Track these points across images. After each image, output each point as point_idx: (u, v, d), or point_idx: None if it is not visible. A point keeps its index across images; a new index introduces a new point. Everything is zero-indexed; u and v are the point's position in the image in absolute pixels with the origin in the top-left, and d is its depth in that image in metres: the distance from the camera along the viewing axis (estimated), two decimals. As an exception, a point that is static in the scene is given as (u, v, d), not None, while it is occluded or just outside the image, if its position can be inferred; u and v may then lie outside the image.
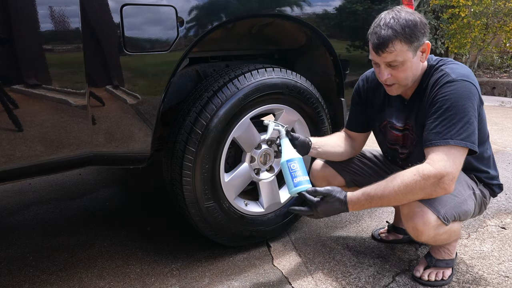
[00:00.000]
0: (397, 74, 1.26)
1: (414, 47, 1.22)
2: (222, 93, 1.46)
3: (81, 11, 1.14)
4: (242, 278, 1.50)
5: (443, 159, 1.16)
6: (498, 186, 1.45)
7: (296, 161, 1.33)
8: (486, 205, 1.44)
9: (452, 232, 1.33)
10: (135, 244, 1.79)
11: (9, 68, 1.09)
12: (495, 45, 6.49)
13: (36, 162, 1.19)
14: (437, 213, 1.24)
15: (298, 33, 1.79)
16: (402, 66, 1.25)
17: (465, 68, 1.26)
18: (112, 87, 1.24)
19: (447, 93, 1.20)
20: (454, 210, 1.28)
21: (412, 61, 1.24)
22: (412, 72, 1.27)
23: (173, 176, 1.51)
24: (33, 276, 1.56)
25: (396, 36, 1.20)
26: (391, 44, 1.20)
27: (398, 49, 1.21)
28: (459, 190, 1.31)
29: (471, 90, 1.19)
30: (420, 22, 1.22)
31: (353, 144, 1.59)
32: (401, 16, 1.21)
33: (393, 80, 1.29)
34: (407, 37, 1.20)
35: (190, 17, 1.34)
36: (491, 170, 1.42)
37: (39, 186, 2.52)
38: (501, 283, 1.42)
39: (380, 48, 1.23)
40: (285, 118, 1.67)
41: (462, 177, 1.35)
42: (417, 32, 1.21)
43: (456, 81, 1.20)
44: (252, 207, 1.69)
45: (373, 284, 1.44)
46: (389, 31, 1.20)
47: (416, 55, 1.24)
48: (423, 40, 1.23)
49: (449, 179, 1.16)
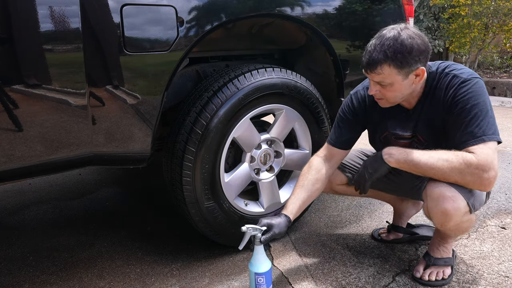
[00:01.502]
0: (385, 92, 1.29)
1: (405, 72, 1.22)
2: (222, 93, 1.46)
3: (81, 11, 1.14)
4: (242, 278, 1.50)
5: (484, 155, 1.17)
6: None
7: (264, 276, 1.29)
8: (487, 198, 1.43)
9: (472, 222, 1.34)
10: (135, 244, 1.79)
11: (9, 68, 1.09)
12: (494, 45, 6.48)
13: (36, 162, 1.19)
14: (467, 199, 1.25)
15: (298, 33, 1.79)
16: (391, 87, 1.26)
17: (467, 68, 1.29)
18: (112, 87, 1.24)
19: (465, 93, 1.22)
20: (476, 200, 1.30)
21: (402, 83, 1.25)
22: (400, 93, 1.28)
23: (173, 176, 1.51)
24: (33, 276, 1.57)
25: (385, 60, 1.21)
26: (379, 67, 1.22)
27: (386, 72, 1.22)
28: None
29: (483, 86, 1.24)
30: (416, 49, 1.20)
31: (332, 164, 1.51)
32: (399, 39, 1.19)
33: (381, 96, 1.32)
34: (397, 63, 1.20)
35: (190, 17, 1.34)
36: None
37: (39, 186, 2.52)
38: (501, 283, 1.42)
39: (368, 68, 1.25)
40: (285, 118, 1.67)
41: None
42: (410, 60, 1.20)
43: (469, 80, 1.23)
44: (252, 207, 1.70)
45: (373, 284, 1.44)
46: (380, 54, 1.21)
47: (407, 78, 1.24)
48: (416, 66, 1.22)
49: (490, 178, 1.18)
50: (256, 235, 1.30)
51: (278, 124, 1.67)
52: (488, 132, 1.19)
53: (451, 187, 1.25)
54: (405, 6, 2.01)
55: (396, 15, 1.94)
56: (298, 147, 1.81)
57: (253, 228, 1.31)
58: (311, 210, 2.06)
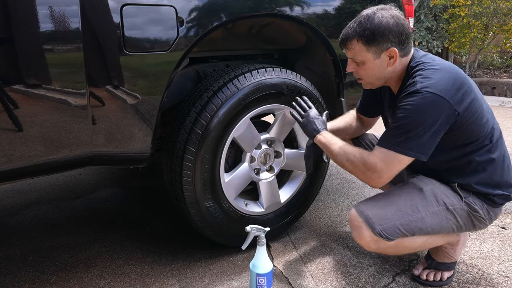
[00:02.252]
0: (359, 70, 1.32)
1: (374, 50, 1.24)
2: (222, 93, 1.46)
3: (81, 11, 1.14)
4: (242, 278, 1.51)
5: (380, 161, 1.23)
6: (502, 196, 1.33)
7: (265, 276, 1.29)
8: (482, 218, 1.33)
9: (403, 247, 1.33)
10: (135, 244, 1.79)
11: (9, 68, 1.09)
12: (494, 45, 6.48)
13: (36, 162, 1.19)
14: (372, 229, 1.27)
15: (298, 33, 1.79)
16: (363, 65, 1.29)
17: (439, 75, 1.19)
18: (112, 87, 1.24)
19: (407, 103, 1.18)
20: (402, 227, 1.28)
21: (374, 62, 1.27)
22: (374, 73, 1.30)
23: (173, 176, 1.51)
24: (33, 276, 1.57)
25: (354, 36, 1.25)
26: (349, 42, 1.27)
27: (357, 48, 1.26)
28: (415, 207, 1.29)
29: (432, 103, 1.15)
30: (385, 28, 1.20)
31: (362, 125, 1.65)
32: (372, 17, 1.22)
33: (357, 75, 1.35)
34: (365, 39, 1.23)
35: (190, 17, 1.34)
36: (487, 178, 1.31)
37: (39, 186, 2.52)
38: (501, 283, 1.43)
39: (341, 43, 1.32)
40: (285, 118, 1.67)
41: (430, 192, 1.32)
42: (378, 37, 1.21)
43: (419, 93, 1.17)
44: (252, 207, 1.70)
45: (373, 284, 1.44)
46: (351, 30, 1.26)
47: (379, 58, 1.25)
48: (386, 45, 1.23)
49: (377, 176, 1.24)
50: (260, 236, 1.31)
51: (278, 124, 1.67)
52: (400, 145, 1.19)
53: (359, 217, 1.31)
54: (405, 6, 2.01)
55: (396, 15, 1.93)
56: (298, 147, 1.81)
57: (257, 229, 1.32)
58: (311, 210, 2.06)
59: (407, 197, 1.32)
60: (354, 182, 2.47)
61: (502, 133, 1.35)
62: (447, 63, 1.28)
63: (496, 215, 1.36)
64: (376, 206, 1.32)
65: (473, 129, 1.25)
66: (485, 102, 1.30)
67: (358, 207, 1.33)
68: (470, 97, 1.21)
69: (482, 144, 1.28)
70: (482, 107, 1.26)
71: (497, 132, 1.32)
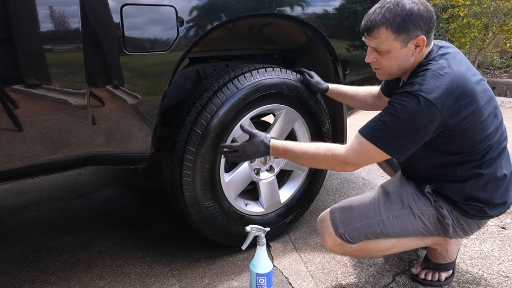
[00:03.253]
0: (381, 60, 1.23)
1: (403, 38, 1.16)
2: (222, 93, 1.46)
3: (81, 11, 1.14)
4: (242, 278, 1.50)
5: (354, 146, 1.21)
6: (475, 207, 1.26)
7: (265, 277, 1.29)
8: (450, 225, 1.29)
9: (369, 250, 1.34)
10: (135, 244, 1.79)
11: (9, 68, 1.09)
12: (494, 45, 6.48)
13: (36, 162, 1.19)
14: (335, 231, 1.30)
15: (298, 33, 1.79)
16: (388, 54, 1.21)
17: (441, 82, 1.12)
18: (112, 87, 1.24)
19: (398, 101, 1.14)
20: (363, 229, 1.29)
21: (400, 51, 1.19)
22: (397, 63, 1.22)
23: (173, 176, 1.51)
24: (33, 276, 1.56)
25: (383, 23, 1.16)
26: (376, 29, 1.17)
27: (384, 36, 1.17)
28: (378, 210, 1.29)
29: (422, 109, 1.10)
30: (417, 14, 1.14)
31: (379, 102, 1.61)
32: (400, 3, 1.15)
33: (377, 65, 1.27)
34: (395, 26, 1.14)
35: (190, 17, 1.34)
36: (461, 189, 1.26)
37: (39, 186, 2.52)
38: (501, 283, 1.43)
39: (366, 31, 1.21)
40: (285, 118, 1.67)
41: (395, 195, 1.31)
42: (409, 24, 1.14)
43: (412, 95, 1.12)
44: (252, 207, 1.70)
45: (373, 284, 1.44)
46: (379, 16, 1.16)
47: (406, 47, 1.18)
48: (416, 33, 1.15)
49: (350, 165, 1.23)
50: (260, 236, 1.31)
51: (278, 124, 1.67)
52: (372, 133, 1.17)
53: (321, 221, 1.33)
54: None
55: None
56: (298, 147, 1.81)
57: (257, 229, 1.32)
58: (311, 210, 2.06)
59: (372, 200, 1.33)
60: (354, 182, 2.47)
61: (508, 153, 1.28)
62: (461, 67, 1.18)
63: (470, 226, 1.30)
64: (345, 209, 1.33)
65: (465, 141, 1.20)
66: (495, 114, 1.23)
67: (332, 208, 1.35)
68: (470, 110, 1.15)
69: (472, 158, 1.22)
70: (487, 121, 1.19)
71: (497, 150, 1.24)
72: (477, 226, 1.33)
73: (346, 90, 1.66)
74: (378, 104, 1.61)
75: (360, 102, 1.65)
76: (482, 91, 1.19)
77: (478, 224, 1.32)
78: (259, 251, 1.30)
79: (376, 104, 1.62)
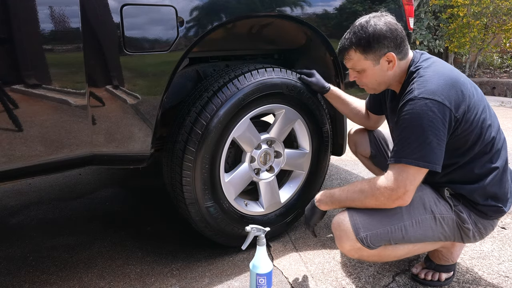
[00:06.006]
0: (361, 78, 1.35)
1: (372, 57, 1.26)
2: (222, 93, 1.46)
3: (81, 11, 1.14)
4: (242, 278, 1.51)
5: (395, 177, 1.18)
6: (494, 208, 1.28)
7: (265, 277, 1.29)
8: (468, 229, 1.29)
9: (386, 256, 1.31)
10: (135, 244, 1.79)
11: (9, 68, 1.09)
12: (494, 45, 6.49)
13: (36, 162, 1.19)
14: (356, 235, 1.23)
15: (298, 33, 1.79)
16: (364, 73, 1.32)
17: (437, 81, 1.18)
18: (112, 87, 1.24)
19: (406, 112, 1.18)
20: (385, 235, 1.25)
21: (374, 69, 1.29)
22: (375, 79, 1.32)
23: (173, 176, 1.51)
24: (33, 276, 1.57)
25: (351, 46, 1.28)
26: (347, 53, 1.30)
27: (355, 58, 1.29)
28: (400, 215, 1.26)
29: (431, 109, 1.14)
30: (379, 35, 1.23)
31: (369, 120, 1.69)
32: (366, 26, 1.25)
33: (359, 82, 1.38)
34: (362, 48, 1.26)
35: (190, 17, 1.34)
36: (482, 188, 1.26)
37: (39, 186, 2.52)
38: (501, 283, 1.43)
39: (339, 55, 1.35)
40: (285, 118, 1.67)
41: (418, 199, 1.27)
42: (374, 44, 1.24)
43: (417, 100, 1.16)
44: (252, 207, 1.70)
45: (373, 284, 1.44)
46: (347, 41, 1.29)
47: (379, 64, 1.28)
48: (383, 51, 1.25)
49: (398, 194, 1.18)
50: (260, 236, 1.30)
51: (278, 124, 1.67)
52: (410, 156, 1.16)
53: (340, 224, 1.28)
54: (405, 6, 2.01)
55: (396, 15, 1.92)
56: (298, 147, 1.81)
57: (257, 229, 1.32)
58: (311, 210, 2.05)
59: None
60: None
61: (506, 142, 1.33)
62: (447, 67, 1.26)
63: (486, 228, 1.32)
64: (365, 213, 1.27)
65: (473, 134, 1.22)
66: (488, 107, 1.28)
67: (350, 212, 1.28)
68: (468, 102, 1.20)
69: (483, 151, 1.25)
70: (484, 113, 1.25)
71: (500, 142, 1.29)
72: (492, 227, 1.34)
73: (345, 96, 1.70)
74: (367, 118, 1.70)
75: (352, 112, 1.70)
76: (471, 85, 1.26)
77: (492, 225, 1.34)
78: (259, 251, 1.30)
79: (365, 118, 1.70)
